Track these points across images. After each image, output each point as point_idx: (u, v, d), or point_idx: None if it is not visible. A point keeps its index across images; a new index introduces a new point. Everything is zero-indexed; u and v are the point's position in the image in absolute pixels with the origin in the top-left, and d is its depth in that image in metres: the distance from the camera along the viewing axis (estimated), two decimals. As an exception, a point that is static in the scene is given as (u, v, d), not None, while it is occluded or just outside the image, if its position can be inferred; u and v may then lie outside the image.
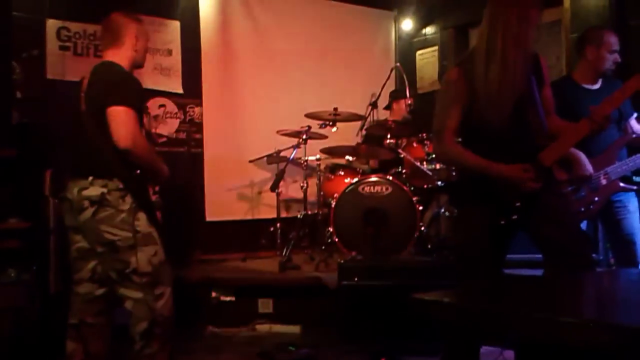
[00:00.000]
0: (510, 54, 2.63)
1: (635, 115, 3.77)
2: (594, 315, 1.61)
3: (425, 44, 7.16)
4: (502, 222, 2.71)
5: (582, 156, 3.45)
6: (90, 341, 3.15)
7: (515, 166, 2.66)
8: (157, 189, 3.24)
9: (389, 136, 5.30)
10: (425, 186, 5.29)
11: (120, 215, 3.00)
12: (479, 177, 2.73)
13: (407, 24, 7.24)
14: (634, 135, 3.70)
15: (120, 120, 2.92)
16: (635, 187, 3.62)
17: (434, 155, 5.17)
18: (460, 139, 2.86)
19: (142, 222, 3.05)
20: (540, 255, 2.90)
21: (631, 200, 3.68)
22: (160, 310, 3.07)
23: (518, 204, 2.70)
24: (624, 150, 3.67)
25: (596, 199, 3.55)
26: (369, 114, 5.91)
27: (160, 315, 3.07)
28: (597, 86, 3.71)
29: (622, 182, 3.59)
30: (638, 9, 5.28)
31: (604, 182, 3.55)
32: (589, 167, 3.46)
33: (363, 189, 4.98)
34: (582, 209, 3.56)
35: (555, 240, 2.71)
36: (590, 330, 1.39)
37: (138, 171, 3.07)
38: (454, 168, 5.10)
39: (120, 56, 3.18)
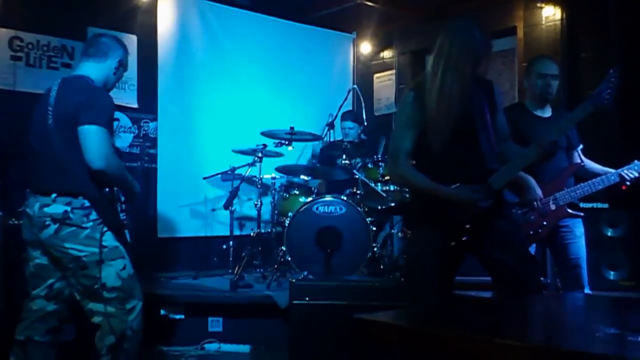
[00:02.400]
0: (447, 83, 2.70)
1: (581, 146, 3.89)
2: (537, 339, 1.63)
3: (383, 67, 7.25)
4: (453, 244, 2.75)
5: (532, 180, 3.54)
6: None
7: (464, 188, 2.71)
8: (124, 206, 3.19)
9: (344, 156, 5.33)
10: (379, 207, 5.32)
11: (84, 232, 2.95)
12: (430, 199, 2.77)
13: (366, 47, 7.33)
14: (581, 163, 3.80)
15: (93, 140, 2.88)
16: (582, 214, 3.72)
17: (387, 177, 5.22)
18: (414, 161, 2.90)
19: (108, 237, 3.00)
20: (490, 278, 2.95)
21: (577, 226, 3.77)
22: (130, 324, 3.03)
23: (468, 226, 2.74)
24: (571, 178, 3.77)
25: (545, 223, 3.64)
26: (326, 134, 5.94)
27: (130, 329, 3.02)
28: (547, 114, 3.82)
29: (569, 208, 3.69)
30: (588, 41, 5.45)
31: (552, 207, 3.64)
32: (538, 192, 3.55)
33: (317, 208, 4.98)
34: (532, 232, 3.64)
35: (504, 263, 2.76)
36: (532, 353, 1.41)
37: (107, 189, 3.02)
38: (407, 190, 5.16)
39: (96, 71, 3.13)
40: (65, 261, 2.98)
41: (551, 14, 5.65)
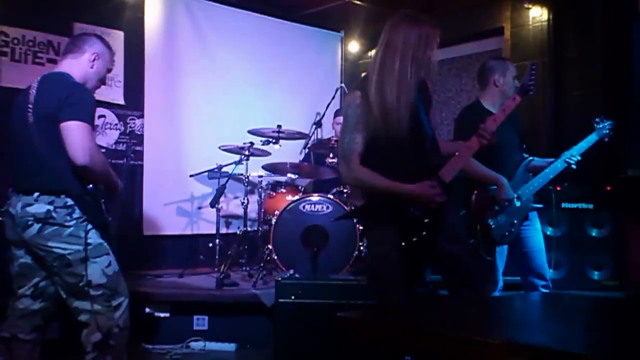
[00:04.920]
0: (407, 71, 2.71)
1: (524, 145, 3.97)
2: (512, 337, 1.64)
3: (371, 66, 7.24)
4: (414, 240, 2.75)
5: (505, 180, 3.64)
6: (20, 358, 3.06)
7: (423, 183, 2.73)
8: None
9: (331, 155, 5.33)
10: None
11: (67, 230, 2.93)
12: (388, 197, 2.77)
13: (354, 46, 7.34)
14: (530, 157, 3.88)
15: (76, 136, 2.85)
16: (541, 206, 3.82)
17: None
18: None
19: (92, 234, 2.98)
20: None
21: (536, 220, 3.87)
22: (117, 322, 3.01)
23: (427, 220, 2.75)
24: (528, 173, 3.85)
25: (515, 221, 3.72)
26: (313, 133, 5.94)
27: (116, 327, 3.01)
28: None
29: (531, 202, 3.78)
30: (574, 42, 5.50)
31: (518, 204, 3.72)
32: (511, 192, 3.65)
33: (304, 207, 4.99)
34: (506, 233, 3.70)
35: (455, 255, 2.83)
36: (509, 351, 1.42)
37: (90, 186, 3.00)
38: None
39: (74, 67, 3.10)
40: (49, 260, 2.96)
41: (538, 14, 5.69)
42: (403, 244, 2.73)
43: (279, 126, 5.27)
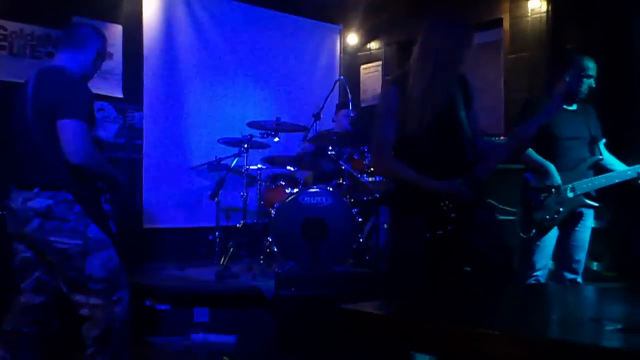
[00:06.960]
0: (441, 71, 2.75)
1: (604, 141, 3.98)
2: (518, 329, 1.65)
3: (370, 58, 7.25)
4: (439, 233, 2.77)
5: (553, 168, 3.74)
6: (22, 351, 3.06)
7: (451, 181, 2.75)
8: (109, 197, 3.17)
9: (331, 148, 5.34)
10: (365, 198, 5.33)
11: (68, 225, 2.93)
12: (416, 188, 2.79)
13: (353, 39, 7.33)
14: (600, 157, 3.89)
15: (72, 135, 2.85)
16: (597, 205, 3.83)
17: (372, 168, 5.24)
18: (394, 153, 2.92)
19: (93, 228, 2.98)
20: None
21: (590, 217, 3.91)
22: (117, 316, 3.01)
23: (454, 215, 2.77)
24: (591, 171, 3.86)
25: (561, 210, 3.77)
26: (312, 126, 5.94)
27: (117, 321, 3.01)
28: (573, 108, 3.90)
29: (586, 198, 3.80)
30: (574, 34, 5.49)
31: (570, 195, 3.77)
32: (558, 179, 3.74)
33: (303, 199, 4.99)
34: (548, 217, 3.77)
35: (481, 251, 2.82)
36: (512, 343, 1.43)
37: (89, 182, 3.00)
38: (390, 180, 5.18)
39: (74, 62, 3.08)
40: (50, 254, 2.97)
41: (537, 6, 5.68)
42: (427, 235, 2.76)
43: (278, 119, 5.27)
